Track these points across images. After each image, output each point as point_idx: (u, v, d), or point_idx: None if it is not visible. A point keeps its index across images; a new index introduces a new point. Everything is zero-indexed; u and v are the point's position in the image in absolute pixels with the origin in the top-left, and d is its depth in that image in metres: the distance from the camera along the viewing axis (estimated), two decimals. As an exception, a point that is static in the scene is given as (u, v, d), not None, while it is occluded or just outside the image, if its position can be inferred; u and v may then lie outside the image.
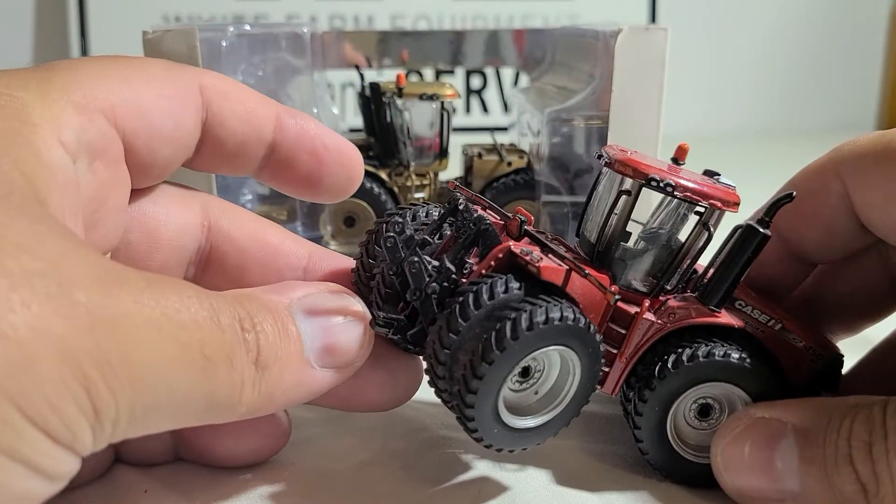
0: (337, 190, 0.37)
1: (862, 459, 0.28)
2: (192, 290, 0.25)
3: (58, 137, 0.27)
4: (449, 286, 0.31)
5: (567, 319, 0.30)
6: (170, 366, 0.23)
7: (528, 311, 0.29)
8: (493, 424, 0.31)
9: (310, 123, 0.36)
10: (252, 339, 0.26)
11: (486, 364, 0.29)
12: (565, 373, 0.32)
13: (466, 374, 0.29)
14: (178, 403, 0.24)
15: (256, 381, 0.27)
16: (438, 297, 0.31)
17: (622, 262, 0.34)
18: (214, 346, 0.25)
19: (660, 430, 0.34)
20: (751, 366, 0.33)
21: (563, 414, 0.32)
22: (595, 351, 0.31)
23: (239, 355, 0.26)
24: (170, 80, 0.32)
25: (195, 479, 0.35)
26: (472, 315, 0.30)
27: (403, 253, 0.32)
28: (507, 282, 0.30)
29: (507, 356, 0.29)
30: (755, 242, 0.33)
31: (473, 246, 0.32)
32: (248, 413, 0.27)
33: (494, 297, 0.30)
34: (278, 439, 0.36)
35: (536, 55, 0.75)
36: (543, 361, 0.32)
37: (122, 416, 0.23)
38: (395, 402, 0.36)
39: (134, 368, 0.22)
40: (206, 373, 0.25)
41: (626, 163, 0.33)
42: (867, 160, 0.34)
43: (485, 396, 0.30)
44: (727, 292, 0.34)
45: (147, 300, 0.23)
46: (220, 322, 0.25)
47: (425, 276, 0.31)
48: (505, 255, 0.32)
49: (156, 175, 0.33)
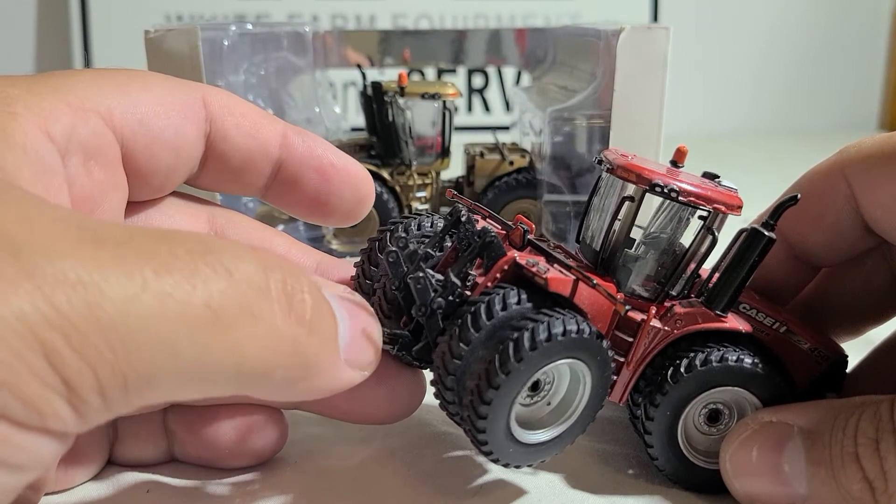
0: (346, 211, 0.36)
1: (869, 456, 0.28)
2: (195, 241, 0.22)
3: (43, 129, 0.27)
4: (455, 300, 0.31)
5: (571, 333, 0.29)
6: (159, 322, 0.20)
7: (531, 328, 0.29)
8: (507, 444, 0.30)
9: (317, 142, 0.36)
10: (296, 297, 0.24)
11: (493, 389, 0.28)
12: (575, 382, 0.32)
13: (475, 400, 0.29)
14: (190, 365, 0.21)
15: (299, 340, 0.24)
16: (444, 312, 0.31)
17: (626, 268, 0.34)
18: (223, 299, 0.22)
19: (671, 435, 0.34)
20: (762, 370, 0.33)
21: (578, 423, 0.32)
22: (604, 359, 0.31)
23: (267, 309, 0.23)
24: (170, 90, 0.32)
25: (196, 480, 0.35)
26: (484, 326, 0.29)
27: (406, 268, 0.32)
28: (519, 293, 0.30)
29: (512, 378, 0.29)
30: (760, 246, 0.32)
31: (478, 258, 0.32)
32: (286, 380, 0.24)
33: (507, 309, 0.29)
34: (277, 440, 0.36)
35: (538, 54, 0.75)
36: (553, 374, 0.32)
37: (109, 386, 0.20)
38: (396, 418, 0.36)
39: (109, 329, 0.19)
40: (215, 328, 0.21)
41: (628, 168, 0.32)
42: (874, 161, 0.34)
43: (495, 419, 0.29)
44: (733, 297, 0.33)
45: (128, 253, 0.21)
46: (233, 273, 0.22)
47: (430, 291, 0.30)
48: (510, 267, 0.31)
49: (158, 185, 0.33)
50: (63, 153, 0.28)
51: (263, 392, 0.24)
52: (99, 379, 0.20)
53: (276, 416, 0.36)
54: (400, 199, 0.64)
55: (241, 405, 0.35)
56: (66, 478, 0.34)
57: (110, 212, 0.31)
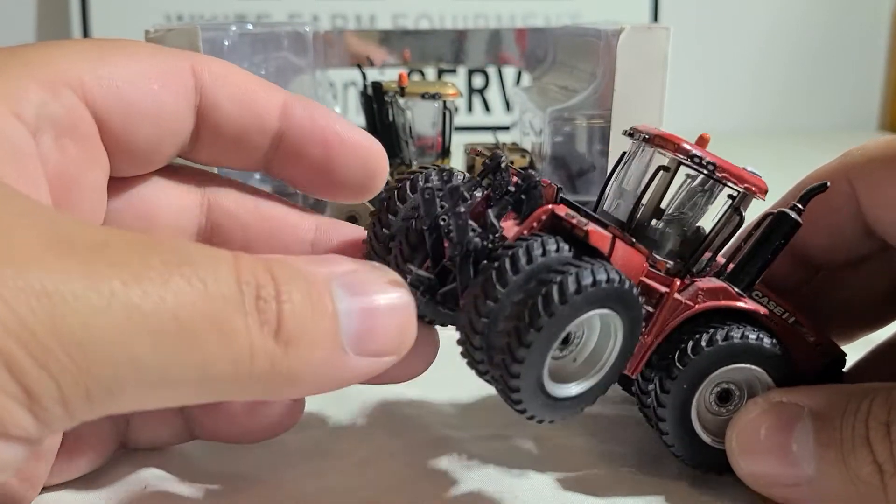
0: (354, 186, 0.34)
1: (879, 440, 0.28)
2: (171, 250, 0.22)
3: (11, 109, 0.26)
4: (490, 245, 0.29)
5: (614, 281, 0.28)
6: (124, 336, 0.20)
7: (575, 273, 0.27)
8: (537, 395, 0.29)
9: (320, 111, 0.34)
10: (270, 308, 0.23)
11: (534, 331, 0.27)
12: (605, 337, 0.31)
13: (512, 343, 0.27)
14: (154, 378, 0.21)
15: (275, 356, 0.23)
16: (476, 258, 0.29)
17: (653, 240, 0.34)
18: (192, 312, 0.21)
19: (684, 411, 0.34)
20: (780, 352, 0.33)
21: (604, 380, 0.31)
22: (637, 314, 0.30)
23: (239, 323, 0.22)
24: (153, 59, 0.31)
25: (195, 479, 0.35)
26: (523, 269, 0.28)
27: (442, 207, 0.30)
28: (558, 241, 0.29)
29: (555, 321, 0.27)
30: (787, 229, 0.33)
31: (518, 204, 0.31)
32: (266, 391, 0.24)
33: (546, 255, 0.28)
34: (293, 414, 0.35)
35: (538, 54, 0.75)
36: (583, 327, 0.31)
37: (72, 396, 0.20)
38: (407, 377, 0.34)
39: (70, 340, 0.19)
40: (182, 342, 0.21)
41: (666, 138, 0.32)
42: (877, 163, 0.34)
43: (531, 366, 0.28)
44: (755, 277, 0.34)
45: (97, 261, 0.20)
46: (207, 284, 0.22)
47: (469, 229, 0.29)
48: (548, 218, 0.30)
49: (143, 160, 0.32)
50: (34, 132, 0.27)
51: (241, 399, 0.24)
52: (61, 389, 0.20)
53: None
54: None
55: None
56: (70, 467, 0.33)
57: (90, 189, 0.30)
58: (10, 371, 0.19)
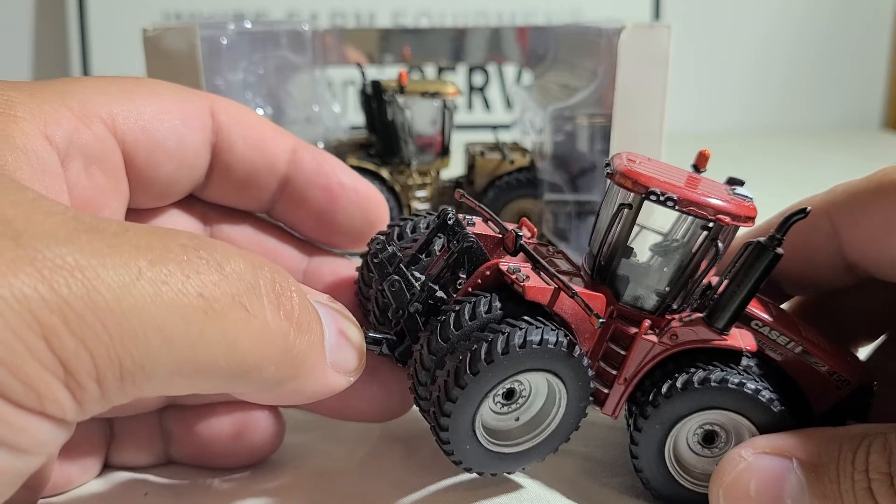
0: (353, 233, 0.36)
1: (884, 493, 0.27)
2: (188, 237, 0.23)
3: (42, 132, 0.27)
4: (434, 304, 0.31)
5: (548, 343, 0.29)
6: (154, 309, 0.21)
7: (507, 333, 0.29)
8: (468, 441, 0.30)
9: (327, 160, 0.35)
10: (285, 294, 0.24)
11: (458, 388, 0.29)
12: (551, 401, 0.32)
13: (441, 397, 0.29)
14: (183, 355, 0.22)
15: (289, 336, 0.24)
16: (423, 315, 0.31)
17: (624, 277, 0.33)
18: (214, 291, 0.22)
19: (658, 450, 0.33)
20: (764, 397, 0.31)
21: (546, 442, 0.32)
22: (582, 377, 0.30)
23: (257, 303, 0.23)
24: (176, 98, 0.32)
25: (193, 482, 0.35)
26: (453, 335, 0.29)
27: (388, 271, 0.32)
28: (491, 301, 0.30)
29: (481, 379, 0.29)
30: (766, 261, 0.31)
31: (460, 264, 0.32)
32: (276, 375, 0.25)
33: (476, 318, 0.30)
34: (273, 438, 0.36)
35: (539, 52, 0.74)
36: (529, 386, 0.31)
37: (106, 370, 0.20)
38: (388, 416, 0.36)
39: (105, 310, 0.20)
40: (208, 317, 0.22)
41: (626, 175, 0.31)
42: (859, 197, 0.34)
43: (459, 418, 0.29)
44: (735, 313, 0.32)
45: (123, 244, 0.21)
46: (224, 268, 0.23)
47: (407, 294, 0.31)
48: (493, 273, 0.31)
49: (160, 193, 0.33)
50: (63, 157, 0.28)
51: (252, 389, 0.25)
52: (96, 363, 0.20)
53: (273, 413, 0.36)
54: (400, 199, 0.64)
55: (238, 402, 0.35)
56: (63, 480, 0.33)
57: (111, 217, 0.31)
58: (47, 342, 0.19)
